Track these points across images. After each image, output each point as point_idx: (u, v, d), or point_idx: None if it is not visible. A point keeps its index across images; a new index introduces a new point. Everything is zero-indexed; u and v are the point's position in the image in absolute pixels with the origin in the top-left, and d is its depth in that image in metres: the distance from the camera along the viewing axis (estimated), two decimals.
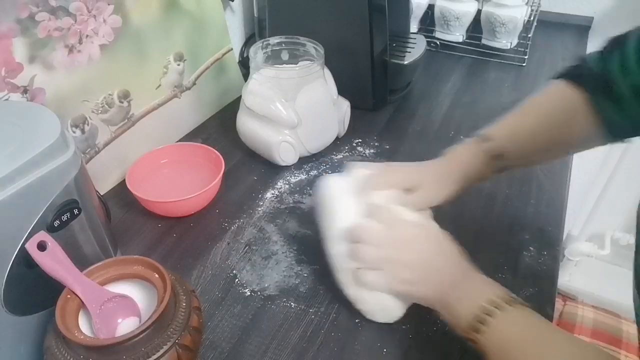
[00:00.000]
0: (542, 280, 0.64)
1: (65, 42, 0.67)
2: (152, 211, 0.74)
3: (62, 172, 0.49)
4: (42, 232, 0.47)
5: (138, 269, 0.51)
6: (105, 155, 0.78)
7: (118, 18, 0.74)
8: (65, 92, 0.69)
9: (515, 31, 1.14)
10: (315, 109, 0.83)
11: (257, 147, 0.85)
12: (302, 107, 0.80)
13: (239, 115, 0.86)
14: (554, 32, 1.24)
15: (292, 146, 0.82)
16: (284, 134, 0.81)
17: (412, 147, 0.89)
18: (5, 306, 0.47)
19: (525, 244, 0.70)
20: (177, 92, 0.90)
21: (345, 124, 0.91)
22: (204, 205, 0.76)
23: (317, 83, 0.81)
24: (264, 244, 0.71)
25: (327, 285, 0.64)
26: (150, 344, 0.45)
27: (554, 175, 0.81)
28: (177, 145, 0.84)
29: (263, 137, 0.82)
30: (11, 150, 0.45)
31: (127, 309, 0.50)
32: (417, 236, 0.57)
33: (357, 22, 0.88)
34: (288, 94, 0.80)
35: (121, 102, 0.78)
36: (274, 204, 0.78)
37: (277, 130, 0.81)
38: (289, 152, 0.83)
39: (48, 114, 0.51)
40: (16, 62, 0.62)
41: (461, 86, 1.08)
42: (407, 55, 0.97)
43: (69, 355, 0.44)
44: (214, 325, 0.60)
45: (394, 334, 0.59)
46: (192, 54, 0.90)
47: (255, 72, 0.81)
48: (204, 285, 0.65)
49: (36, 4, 0.62)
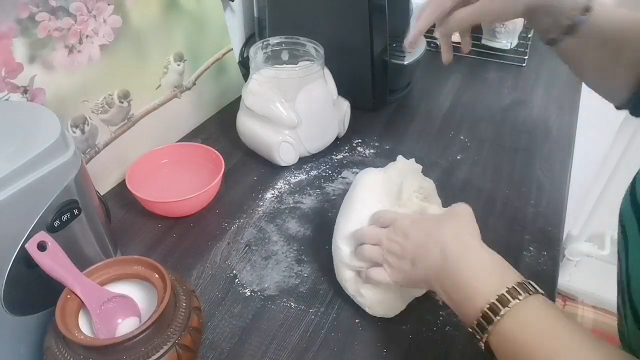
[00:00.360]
0: (542, 280, 0.64)
1: (66, 42, 0.67)
2: (152, 211, 0.74)
3: (62, 172, 0.49)
4: (42, 232, 0.47)
5: (138, 269, 0.51)
6: (105, 155, 0.78)
7: (118, 18, 0.74)
8: (65, 92, 0.69)
9: (515, 31, 1.14)
10: (315, 109, 0.83)
11: (257, 147, 0.85)
12: (302, 107, 0.80)
13: (239, 115, 0.86)
14: None
15: (292, 146, 0.82)
16: (284, 134, 0.81)
17: (412, 147, 0.89)
18: (5, 306, 0.47)
19: (525, 244, 0.70)
20: (177, 92, 0.90)
21: (345, 124, 0.91)
22: (203, 205, 0.76)
23: (317, 83, 0.81)
24: (264, 244, 0.71)
25: (327, 285, 0.64)
26: (150, 344, 0.45)
27: (554, 175, 0.81)
28: (177, 146, 0.84)
29: (263, 137, 0.82)
30: (11, 150, 0.45)
31: (127, 309, 0.50)
32: (421, 222, 0.55)
33: (357, 22, 0.88)
34: (288, 94, 0.80)
35: (121, 102, 0.78)
36: (274, 204, 0.78)
37: (277, 130, 0.81)
38: (289, 152, 0.83)
39: (48, 114, 0.51)
40: (16, 62, 0.62)
41: (461, 86, 1.08)
42: (407, 55, 0.97)
43: (69, 355, 0.44)
44: (214, 325, 0.60)
45: (394, 334, 0.59)
46: (192, 54, 0.90)
47: (255, 72, 0.81)
48: (204, 285, 0.65)
49: (36, 4, 0.62)
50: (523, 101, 1.01)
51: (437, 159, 0.86)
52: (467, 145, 0.89)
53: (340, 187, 0.80)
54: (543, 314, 0.43)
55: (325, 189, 0.80)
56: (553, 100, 1.01)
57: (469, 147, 0.89)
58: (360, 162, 0.86)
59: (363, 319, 0.60)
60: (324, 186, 0.81)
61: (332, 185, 0.81)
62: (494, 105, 1.00)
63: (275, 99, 0.79)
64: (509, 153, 0.87)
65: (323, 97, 0.84)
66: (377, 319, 0.60)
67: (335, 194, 0.79)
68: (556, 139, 0.90)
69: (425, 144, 0.90)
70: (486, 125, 0.95)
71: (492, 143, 0.90)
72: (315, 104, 0.82)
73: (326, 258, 0.66)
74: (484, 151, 0.88)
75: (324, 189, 0.80)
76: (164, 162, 0.81)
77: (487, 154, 0.87)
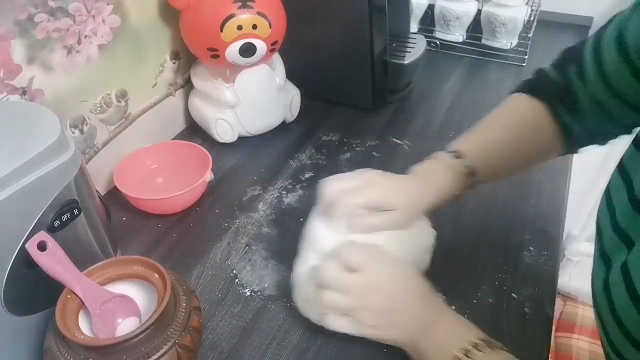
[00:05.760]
0: (542, 280, 0.64)
1: (64, 43, 0.67)
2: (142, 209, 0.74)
3: (62, 172, 0.49)
4: (42, 232, 0.47)
5: (138, 269, 0.51)
6: (104, 154, 0.78)
7: (117, 18, 0.74)
8: (63, 92, 0.69)
9: (515, 31, 1.13)
10: (254, 92, 0.87)
11: (201, 123, 0.92)
12: (241, 89, 0.86)
13: (191, 94, 0.93)
14: (554, 32, 1.24)
15: (229, 124, 0.88)
16: (223, 113, 0.87)
17: (412, 147, 0.89)
18: (5, 306, 0.47)
19: (525, 244, 0.70)
20: (171, 90, 0.90)
21: (293, 111, 0.95)
22: (192, 202, 0.76)
23: (258, 67, 0.85)
24: (264, 244, 0.71)
25: None
26: (150, 344, 0.45)
27: (554, 175, 0.81)
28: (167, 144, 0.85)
29: (203, 114, 0.89)
30: (11, 150, 0.45)
31: (127, 309, 0.50)
32: (384, 279, 0.53)
33: (357, 22, 0.88)
34: (229, 76, 0.85)
35: (119, 102, 0.79)
36: (274, 203, 0.78)
37: (217, 108, 0.87)
38: (226, 130, 0.89)
39: (48, 114, 0.51)
40: (15, 64, 0.62)
41: (461, 86, 1.08)
42: (407, 55, 0.97)
43: (69, 355, 0.44)
44: (214, 325, 0.60)
45: None
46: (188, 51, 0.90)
47: None
48: (204, 285, 0.65)
49: (35, 5, 0.62)
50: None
51: None
52: None
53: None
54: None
55: None
56: None
57: None
58: (362, 162, 0.86)
59: None
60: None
61: None
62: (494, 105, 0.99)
63: (216, 80, 0.86)
64: None
65: (265, 81, 0.88)
66: None
67: None
68: None
69: (425, 144, 0.90)
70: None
71: None
72: (254, 86, 0.87)
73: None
74: None
75: None
76: (152, 161, 0.82)
77: None
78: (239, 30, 0.76)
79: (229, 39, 0.77)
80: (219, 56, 0.79)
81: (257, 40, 0.78)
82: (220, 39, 0.77)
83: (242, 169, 0.85)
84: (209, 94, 0.87)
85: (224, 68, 0.84)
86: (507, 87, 1.06)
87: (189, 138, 0.91)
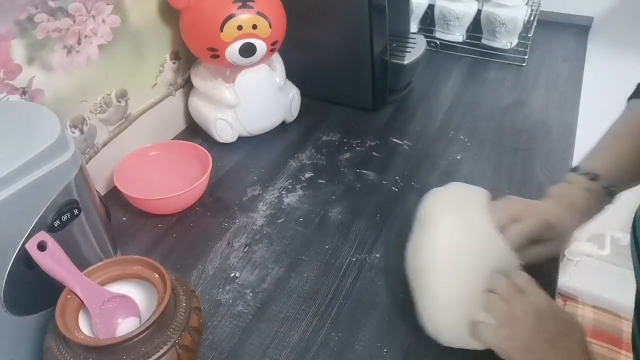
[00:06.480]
0: (542, 280, 0.64)
1: (64, 43, 0.67)
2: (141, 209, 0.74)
3: (62, 172, 0.49)
4: (42, 232, 0.47)
5: (138, 269, 0.51)
6: (104, 154, 0.78)
7: (117, 18, 0.74)
8: (63, 92, 0.69)
9: (515, 31, 1.13)
10: (255, 92, 0.87)
11: (201, 123, 0.92)
12: (242, 89, 0.85)
13: (191, 95, 0.92)
14: (554, 32, 1.24)
15: (229, 124, 0.88)
16: (222, 113, 0.87)
17: (412, 147, 0.89)
18: (5, 306, 0.47)
19: None
20: (171, 90, 0.91)
21: (293, 111, 0.95)
22: (191, 203, 0.76)
23: (259, 67, 0.85)
24: (264, 243, 0.71)
25: (327, 285, 0.64)
26: (150, 344, 0.45)
27: (554, 175, 0.81)
28: (167, 144, 0.85)
29: (204, 114, 0.89)
30: (11, 150, 0.45)
31: (127, 309, 0.50)
32: (544, 305, 0.52)
33: (357, 22, 0.88)
34: (229, 77, 0.85)
35: (119, 102, 0.79)
36: (274, 204, 0.78)
37: (217, 108, 0.87)
38: (226, 130, 0.89)
39: (48, 114, 0.51)
40: (15, 64, 0.62)
41: (461, 86, 1.08)
42: (407, 55, 0.97)
43: (69, 355, 0.44)
44: (214, 325, 0.60)
45: (394, 334, 0.58)
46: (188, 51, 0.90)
47: None
48: (204, 285, 0.65)
49: (35, 6, 0.62)
50: (523, 101, 1.01)
51: (437, 159, 0.86)
52: (467, 145, 0.89)
53: (341, 188, 0.80)
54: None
55: (326, 189, 0.80)
56: (553, 100, 1.01)
57: (469, 147, 0.89)
58: (361, 162, 0.86)
59: (363, 318, 0.60)
60: (324, 186, 0.81)
61: (333, 186, 0.81)
62: (494, 105, 1.00)
63: (216, 80, 0.85)
64: (509, 153, 0.87)
65: (265, 81, 0.88)
66: (376, 318, 0.60)
67: (335, 194, 0.79)
68: (556, 139, 0.90)
69: (425, 144, 0.90)
70: (486, 125, 0.95)
71: (492, 143, 0.90)
72: (255, 87, 0.87)
73: (326, 257, 0.66)
74: (484, 151, 0.88)
75: (324, 190, 0.80)
76: (152, 161, 0.81)
77: (487, 154, 0.87)
78: (239, 30, 0.77)
79: (229, 39, 0.77)
80: (219, 56, 0.79)
81: (257, 40, 0.79)
82: (220, 39, 0.77)
83: (242, 169, 0.85)
84: (209, 94, 0.87)
85: (224, 68, 0.84)
86: (507, 87, 1.07)
87: (189, 138, 0.91)
